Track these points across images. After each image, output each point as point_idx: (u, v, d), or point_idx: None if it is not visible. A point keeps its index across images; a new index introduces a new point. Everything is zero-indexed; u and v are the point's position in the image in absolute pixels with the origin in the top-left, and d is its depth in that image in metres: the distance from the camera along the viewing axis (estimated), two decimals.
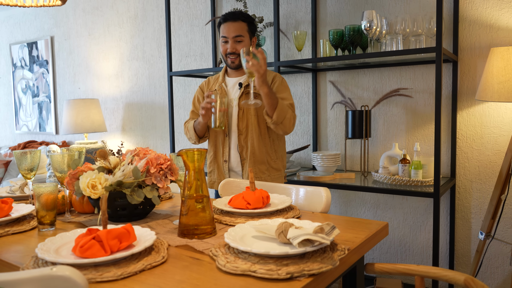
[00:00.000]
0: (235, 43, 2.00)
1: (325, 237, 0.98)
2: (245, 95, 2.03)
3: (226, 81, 2.12)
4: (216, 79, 2.16)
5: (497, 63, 1.96)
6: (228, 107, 2.05)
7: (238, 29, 1.99)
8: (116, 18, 3.88)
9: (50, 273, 0.72)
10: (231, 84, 2.10)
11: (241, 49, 1.87)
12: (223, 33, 2.02)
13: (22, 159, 1.49)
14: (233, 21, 1.99)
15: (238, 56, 2.01)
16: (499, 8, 2.19)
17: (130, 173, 1.33)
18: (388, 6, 2.49)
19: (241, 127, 2.03)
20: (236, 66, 2.04)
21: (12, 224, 1.34)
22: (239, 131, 2.04)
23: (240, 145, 2.05)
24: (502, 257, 2.28)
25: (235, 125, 2.05)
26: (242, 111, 2.03)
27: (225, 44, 2.03)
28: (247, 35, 2.03)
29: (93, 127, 3.77)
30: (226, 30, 2.00)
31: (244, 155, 2.05)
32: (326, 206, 1.59)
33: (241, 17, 2.01)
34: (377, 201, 2.63)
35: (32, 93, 4.74)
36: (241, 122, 2.03)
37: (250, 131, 2.03)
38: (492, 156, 2.26)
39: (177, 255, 1.05)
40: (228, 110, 2.05)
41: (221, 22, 2.03)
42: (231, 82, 2.11)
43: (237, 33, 1.99)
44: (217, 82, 2.12)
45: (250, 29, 2.04)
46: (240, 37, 2.00)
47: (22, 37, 4.79)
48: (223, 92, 2.07)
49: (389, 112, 2.54)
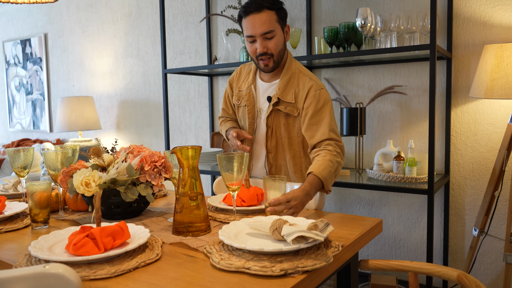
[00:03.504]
0: (266, 41, 1.59)
1: (319, 234, 0.98)
2: (274, 112, 1.68)
3: (257, 83, 1.75)
4: (247, 74, 1.79)
5: (490, 60, 1.97)
6: (255, 117, 1.74)
7: (265, 22, 1.57)
8: (110, 15, 3.85)
9: (43, 270, 0.71)
10: (262, 89, 1.74)
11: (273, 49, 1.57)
12: (247, 31, 1.60)
13: (16, 157, 1.49)
14: (257, 12, 1.57)
15: (271, 56, 1.62)
16: (493, 5, 2.20)
17: (124, 170, 1.33)
18: (382, 4, 2.50)
19: (270, 146, 1.72)
20: (271, 69, 1.65)
21: (5, 222, 1.34)
22: (267, 149, 1.72)
23: (268, 163, 1.74)
24: (495, 253, 2.30)
25: (262, 142, 1.74)
26: (270, 130, 1.70)
27: (252, 44, 1.62)
28: (278, 26, 1.61)
29: (88, 125, 3.75)
30: (251, 27, 1.58)
31: (273, 171, 1.75)
32: (320, 204, 1.60)
33: (266, 4, 1.57)
34: (371, 198, 2.64)
35: (26, 90, 4.71)
36: (270, 141, 1.71)
37: (281, 151, 1.72)
38: (485, 153, 2.28)
39: (171, 253, 1.05)
40: (255, 120, 1.74)
41: (242, 15, 1.62)
42: (262, 86, 1.74)
43: (265, 28, 1.57)
44: (247, 81, 1.77)
45: (280, 17, 1.61)
46: (270, 33, 1.58)
47: (15, 34, 4.75)
48: (251, 97, 1.74)
49: (383, 110, 2.55)
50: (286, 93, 1.65)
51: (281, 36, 1.62)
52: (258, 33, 1.58)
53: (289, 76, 1.67)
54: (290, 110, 1.65)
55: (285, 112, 1.66)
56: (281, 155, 1.72)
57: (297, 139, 1.69)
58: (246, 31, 1.61)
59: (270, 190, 1.27)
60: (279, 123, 1.69)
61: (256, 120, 1.74)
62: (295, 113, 1.65)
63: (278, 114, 1.68)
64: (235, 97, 1.80)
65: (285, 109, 1.65)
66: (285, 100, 1.65)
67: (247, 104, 1.74)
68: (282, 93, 1.65)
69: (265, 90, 1.72)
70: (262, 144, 1.74)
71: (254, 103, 1.73)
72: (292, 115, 1.66)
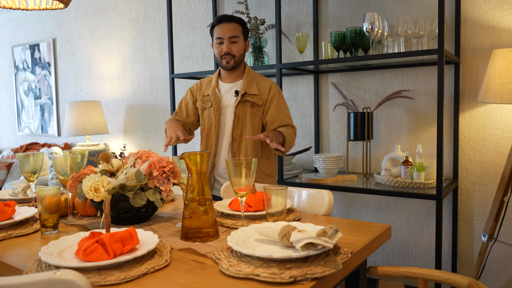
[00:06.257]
0: (231, 44, 1.99)
1: (328, 240, 0.98)
2: (241, 103, 2.02)
3: (220, 86, 2.10)
4: (209, 82, 2.13)
5: (499, 65, 1.96)
6: (221, 113, 2.06)
7: (233, 29, 1.99)
8: (118, 20, 3.88)
9: (53, 277, 0.72)
10: (224, 90, 2.08)
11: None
12: (217, 34, 2.01)
13: (25, 162, 1.50)
14: (227, 22, 1.99)
15: (233, 57, 2.00)
16: (501, 9, 2.19)
17: (132, 176, 1.33)
18: (389, 8, 2.49)
19: (235, 135, 2.03)
20: (231, 67, 2.02)
21: (15, 227, 1.35)
22: (233, 138, 2.03)
23: (232, 152, 2.03)
24: (505, 259, 2.27)
25: (228, 132, 2.04)
26: (237, 119, 2.02)
27: (220, 45, 2.01)
28: (242, 36, 2.03)
29: (95, 129, 3.77)
30: (221, 31, 1.99)
31: None
32: (328, 209, 1.59)
33: (235, 19, 2.02)
34: (379, 203, 2.63)
35: (34, 95, 4.75)
36: (236, 129, 2.02)
37: (244, 139, 2.03)
38: (494, 158, 2.26)
39: (180, 259, 1.05)
40: (221, 116, 2.05)
41: (215, 24, 2.03)
42: (225, 87, 2.08)
43: (232, 33, 1.99)
44: (210, 87, 2.10)
45: (244, 31, 2.04)
46: (235, 38, 1.99)
47: (24, 39, 4.80)
48: (217, 97, 2.06)
49: (391, 114, 2.54)
50: (250, 88, 2.04)
51: (242, 45, 2.04)
52: (226, 36, 1.99)
53: (250, 77, 2.07)
54: (256, 100, 2.03)
55: (252, 102, 2.02)
56: (244, 143, 2.03)
57: (258, 126, 2.05)
58: (216, 34, 2.02)
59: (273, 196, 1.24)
60: (245, 112, 2.03)
61: (221, 117, 2.06)
62: (260, 103, 2.04)
63: (244, 105, 2.03)
64: (200, 102, 2.12)
65: (252, 99, 2.02)
66: (250, 93, 2.03)
67: (213, 103, 2.06)
68: (247, 88, 2.03)
69: (227, 90, 2.08)
70: (228, 135, 2.05)
71: (220, 102, 2.06)
72: (257, 104, 2.03)
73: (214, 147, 2.06)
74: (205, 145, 2.11)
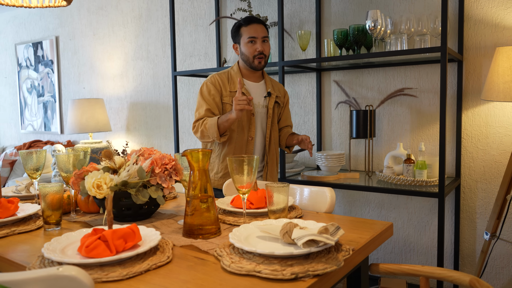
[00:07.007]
0: (263, 43, 2.00)
1: (330, 237, 0.98)
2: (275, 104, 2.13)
3: (245, 83, 2.07)
4: (229, 79, 2.06)
5: (502, 63, 1.95)
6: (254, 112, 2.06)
7: (264, 30, 2.02)
8: (121, 18, 3.89)
9: (56, 273, 0.72)
10: (253, 88, 2.08)
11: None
12: (250, 34, 1.99)
13: (28, 159, 1.50)
14: (258, 23, 2.01)
15: (265, 57, 2.02)
16: (505, 7, 2.18)
17: (135, 173, 1.34)
18: (392, 6, 2.48)
19: (268, 135, 2.10)
20: (262, 67, 2.04)
21: (18, 223, 1.35)
22: (269, 137, 2.10)
23: (265, 151, 2.12)
24: (507, 258, 2.27)
25: (261, 131, 2.09)
26: (271, 120, 2.10)
27: (253, 45, 1.99)
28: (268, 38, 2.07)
29: (98, 126, 3.78)
30: (254, 31, 1.99)
31: (268, 160, 2.13)
32: (330, 206, 1.59)
33: (261, 21, 2.05)
34: (381, 201, 2.63)
35: (37, 92, 4.77)
36: (269, 130, 2.10)
37: (274, 138, 2.13)
38: (497, 156, 2.25)
39: (182, 255, 1.06)
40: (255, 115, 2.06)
41: (243, 24, 2.02)
42: (252, 86, 2.08)
43: (264, 33, 2.01)
44: (233, 84, 2.05)
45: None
46: (267, 38, 2.02)
47: (27, 37, 4.81)
48: (247, 94, 2.02)
49: (393, 112, 2.54)
50: (275, 89, 2.13)
51: (269, 46, 2.06)
52: (260, 35, 2.00)
53: (269, 78, 2.16)
54: (280, 101, 2.15)
55: (278, 103, 2.13)
56: (273, 142, 2.13)
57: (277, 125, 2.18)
58: (248, 34, 2.00)
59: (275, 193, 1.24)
60: (275, 113, 2.15)
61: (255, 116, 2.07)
62: (282, 104, 2.17)
63: (275, 105, 2.12)
64: (228, 98, 2.05)
65: (278, 100, 2.13)
66: (276, 94, 2.12)
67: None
68: (273, 89, 2.11)
69: (255, 88, 2.09)
70: (261, 134, 2.10)
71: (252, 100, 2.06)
72: (280, 105, 2.16)
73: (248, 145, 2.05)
74: (235, 143, 2.04)
